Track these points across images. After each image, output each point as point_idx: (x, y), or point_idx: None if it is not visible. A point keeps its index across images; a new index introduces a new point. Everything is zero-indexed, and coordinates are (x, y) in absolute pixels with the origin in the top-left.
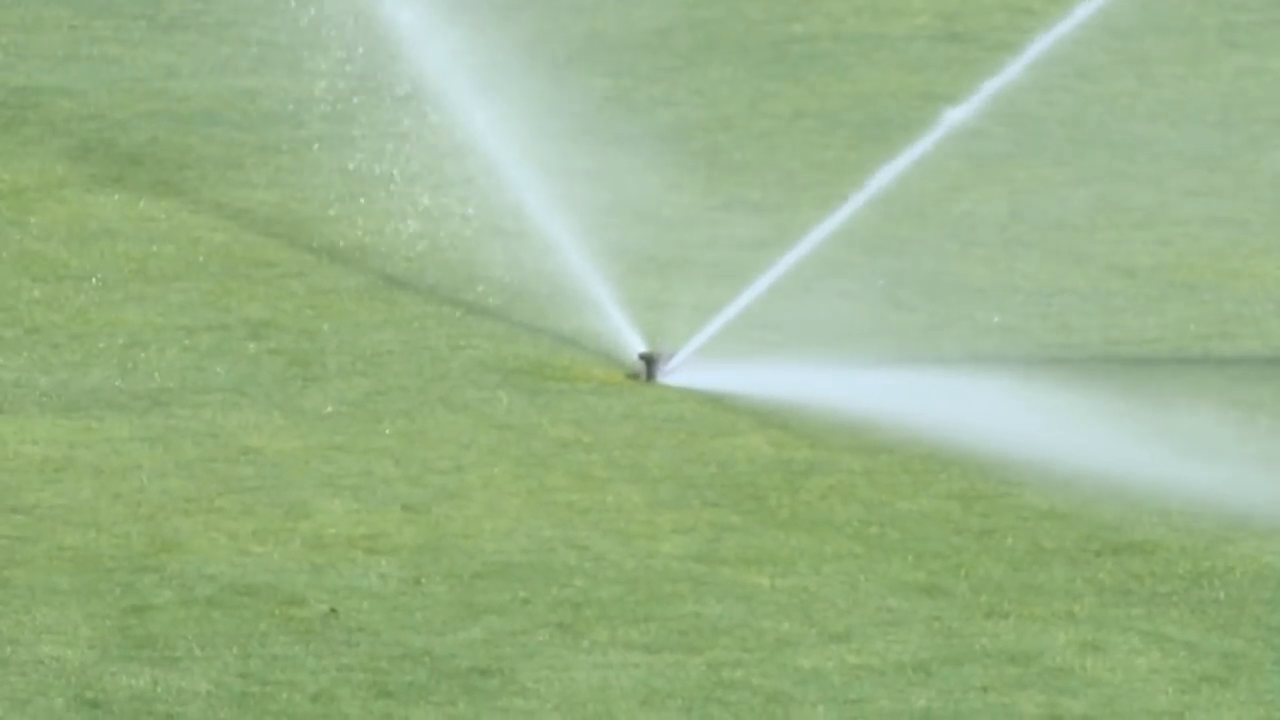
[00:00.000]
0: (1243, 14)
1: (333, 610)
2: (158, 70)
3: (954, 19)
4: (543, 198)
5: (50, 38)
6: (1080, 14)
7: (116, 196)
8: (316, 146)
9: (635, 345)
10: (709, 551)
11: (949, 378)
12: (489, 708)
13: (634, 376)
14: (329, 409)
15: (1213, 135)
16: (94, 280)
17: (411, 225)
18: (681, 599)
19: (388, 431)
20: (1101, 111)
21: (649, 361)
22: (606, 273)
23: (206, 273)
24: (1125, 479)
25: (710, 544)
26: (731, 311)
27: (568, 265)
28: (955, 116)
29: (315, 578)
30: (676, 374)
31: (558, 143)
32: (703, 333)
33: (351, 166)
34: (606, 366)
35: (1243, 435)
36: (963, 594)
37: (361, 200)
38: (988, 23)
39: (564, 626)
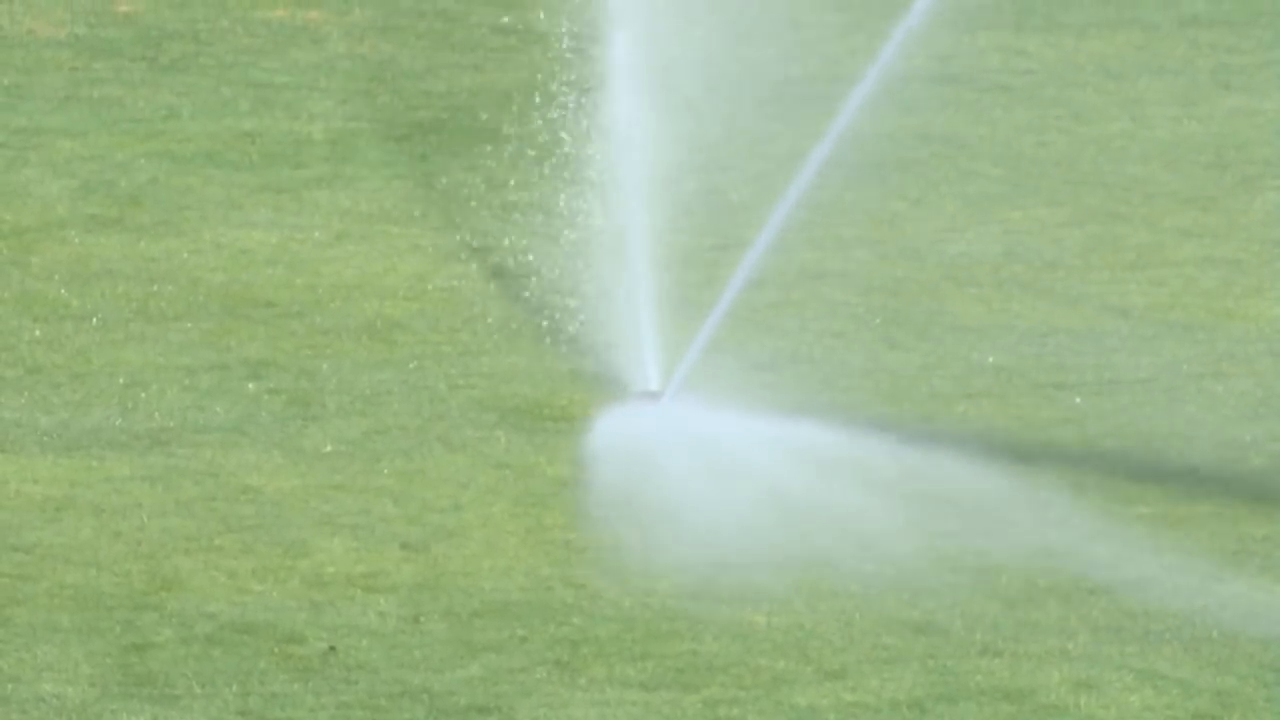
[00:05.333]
0: (1236, 56)
1: (332, 648)
2: (158, 111)
3: (949, 60)
4: (540, 238)
5: (51, 79)
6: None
7: (117, 237)
8: (316, 187)
9: (633, 384)
10: (705, 589)
11: (939, 417)
12: None
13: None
14: (328, 448)
15: (1206, 176)
16: (94, 320)
17: (410, 265)
18: (678, 637)
19: (386, 471)
20: (1095, 152)
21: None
22: (604, 313)
23: (206, 313)
24: (1118, 518)
25: (707, 582)
26: (728, 349)
27: (565, 305)
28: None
29: (314, 616)
30: (671, 410)
31: (554, 182)
32: (697, 371)
33: (350, 207)
34: (604, 406)
35: (1235, 474)
36: (957, 632)
37: (360, 240)
38: (983, 64)
39: (561, 664)
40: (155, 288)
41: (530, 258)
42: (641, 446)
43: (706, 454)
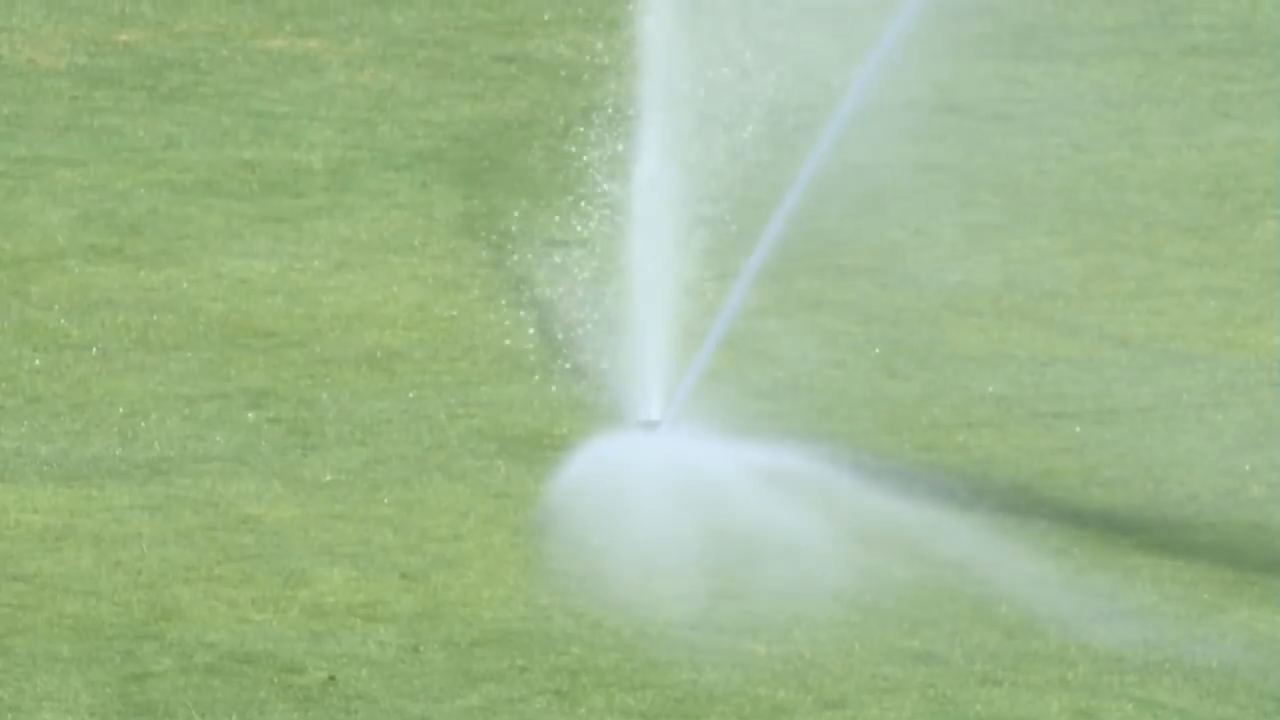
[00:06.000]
0: (1235, 85)
1: (332, 678)
2: (158, 141)
3: (949, 90)
4: (540, 268)
5: (51, 108)
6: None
7: (117, 266)
8: (316, 216)
9: (633, 414)
10: (705, 619)
11: (939, 446)
12: None
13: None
14: (328, 477)
15: (1206, 205)
16: (94, 350)
17: (410, 294)
18: (678, 666)
19: (386, 500)
20: (1095, 182)
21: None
22: (603, 342)
23: (206, 342)
24: (1118, 547)
25: (707, 611)
26: (728, 378)
27: (564, 334)
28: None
29: (314, 645)
30: (669, 439)
31: (555, 212)
32: (696, 400)
33: (350, 236)
34: (604, 435)
35: (1235, 504)
36: (957, 661)
37: (360, 270)
38: (983, 93)
39: (561, 694)
40: (155, 317)
41: (530, 287)
42: (639, 475)
43: (703, 483)
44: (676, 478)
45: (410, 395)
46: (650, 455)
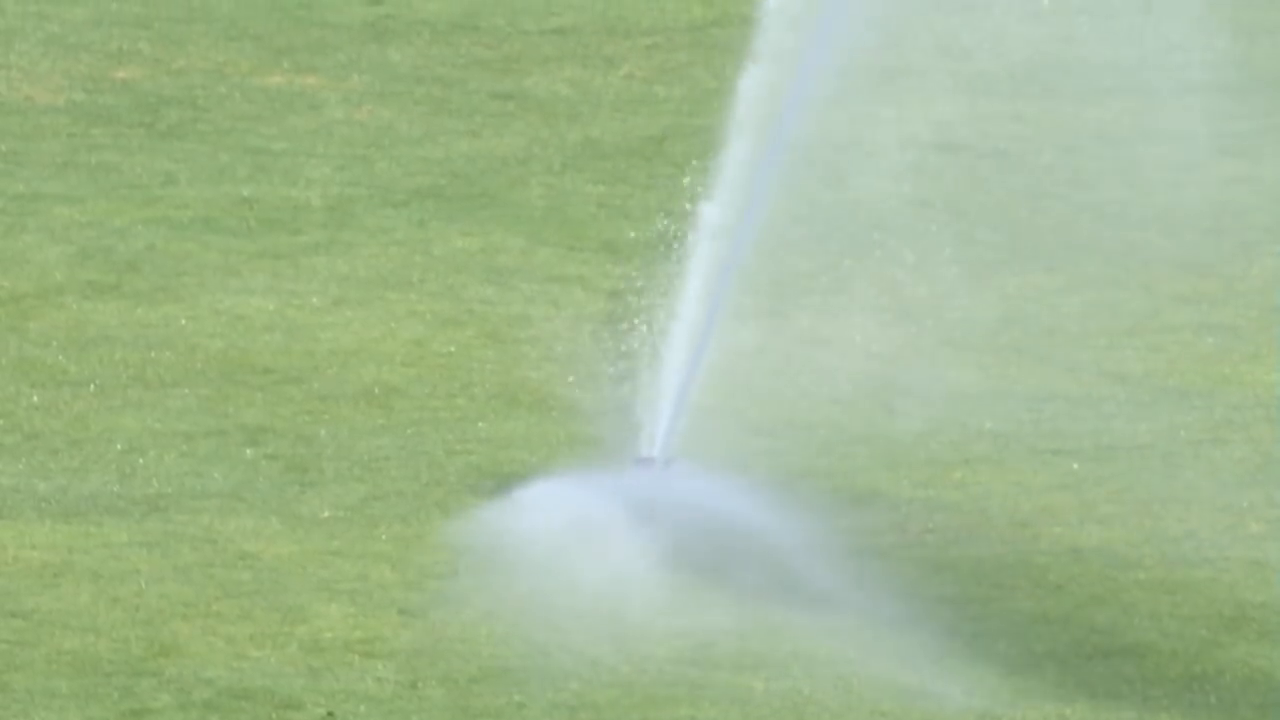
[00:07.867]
0: (1234, 122)
1: (330, 714)
2: (156, 177)
3: (948, 127)
4: (537, 304)
5: (49, 145)
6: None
7: (115, 303)
8: (313, 253)
9: (629, 450)
10: (703, 655)
11: (937, 482)
12: None
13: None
14: (326, 514)
15: (1204, 242)
16: (92, 386)
17: (408, 331)
18: (676, 703)
19: (384, 536)
20: (1093, 219)
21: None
22: (601, 379)
23: (204, 379)
24: (1116, 583)
25: (704, 647)
26: (726, 415)
27: (562, 371)
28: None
29: (312, 681)
30: (669, 479)
31: (554, 249)
32: (695, 437)
33: (348, 272)
34: (602, 470)
35: (1233, 540)
36: (955, 697)
37: (358, 306)
38: (981, 130)
39: None
40: (153, 354)
41: (527, 324)
42: (639, 511)
43: (702, 519)
44: (674, 514)
45: (408, 431)
46: (647, 492)
